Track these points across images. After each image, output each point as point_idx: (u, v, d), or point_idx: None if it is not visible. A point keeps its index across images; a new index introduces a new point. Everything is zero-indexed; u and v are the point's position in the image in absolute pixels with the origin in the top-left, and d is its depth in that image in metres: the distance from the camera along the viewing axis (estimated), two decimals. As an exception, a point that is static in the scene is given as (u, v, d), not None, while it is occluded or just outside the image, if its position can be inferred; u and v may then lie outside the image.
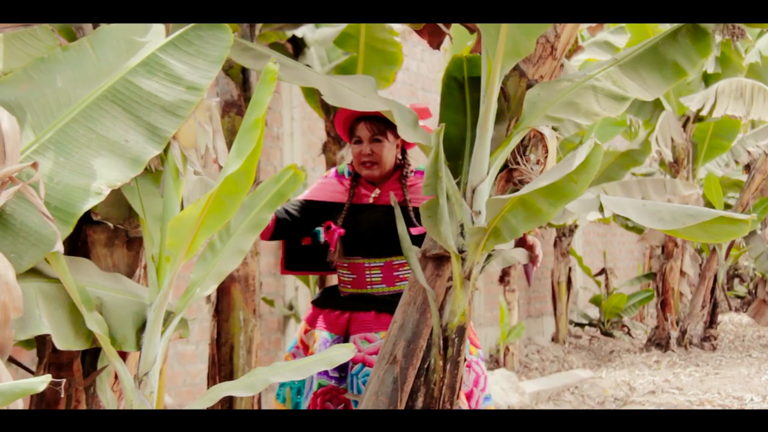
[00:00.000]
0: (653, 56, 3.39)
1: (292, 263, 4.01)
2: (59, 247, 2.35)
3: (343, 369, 3.69)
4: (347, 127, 3.75)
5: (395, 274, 3.75)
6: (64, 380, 2.50)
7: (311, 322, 3.84)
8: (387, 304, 3.67)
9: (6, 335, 2.26)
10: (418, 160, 4.02)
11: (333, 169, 3.91)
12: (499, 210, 3.03)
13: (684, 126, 10.24)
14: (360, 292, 3.77)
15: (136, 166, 2.51)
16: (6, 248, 2.30)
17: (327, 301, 3.85)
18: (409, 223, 3.63)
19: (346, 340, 3.73)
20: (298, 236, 3.90)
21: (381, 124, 3.66)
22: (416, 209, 3.67)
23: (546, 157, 3.33)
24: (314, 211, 3.78)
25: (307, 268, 4.07)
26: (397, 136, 3.68)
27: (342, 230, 3.69)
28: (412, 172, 3.77)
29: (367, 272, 3.75)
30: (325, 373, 3.67)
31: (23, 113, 2.44)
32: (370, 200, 3.75)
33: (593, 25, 3.98)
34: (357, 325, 3.71)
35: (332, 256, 3.74)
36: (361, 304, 3.75)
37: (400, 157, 3.77)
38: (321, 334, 3.75)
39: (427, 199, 3.49)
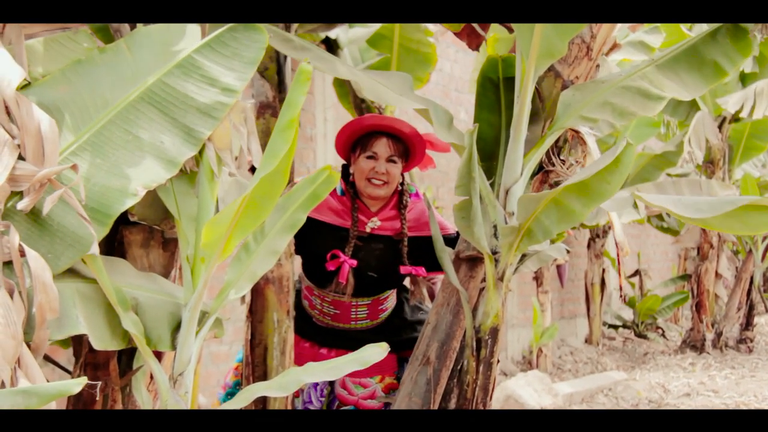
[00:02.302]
0: (692, 56, 3.35)
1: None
2: (95, 249, 2.37)
3: (326, 405, 3.64)
4: (355, 138, 3.51)
5: (380, 308, 3.65)
6: (99, 383, 2.52)
7: (298, 358, 3.61)
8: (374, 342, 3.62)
9: (41, 336, 2.28)
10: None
11: None
12: (533, 210, 3.01)
13: (720, 126, 10.14)
14: (342, 327, 3.65)
15: (172, 168, 2.52)
16: (43, 249, 2.32)
17: (307, 331, 3.69)
18: (400, 260, 3.53)
19: (332, 381, 3.59)
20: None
21: (401, 146, 3.50)
22: (411, 242, 3.54)
23: (585, 157, 3.31)
24: (309, 227, 3.34)
25: None
26: (405, 161, 3.54)
27: (353, 261, 3.50)
28: (409, 197, 3.60)
29: (353, 310, 3.62)
30: None
31: (61, 115, 2.45)
32: (368, 229, 3.55)
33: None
34: None
35: (343, 289, 3.53)
36: (346, 342, 3.59)
37: (401, 181, 3.60)
38: None
39: (424, 230, 3.47)
